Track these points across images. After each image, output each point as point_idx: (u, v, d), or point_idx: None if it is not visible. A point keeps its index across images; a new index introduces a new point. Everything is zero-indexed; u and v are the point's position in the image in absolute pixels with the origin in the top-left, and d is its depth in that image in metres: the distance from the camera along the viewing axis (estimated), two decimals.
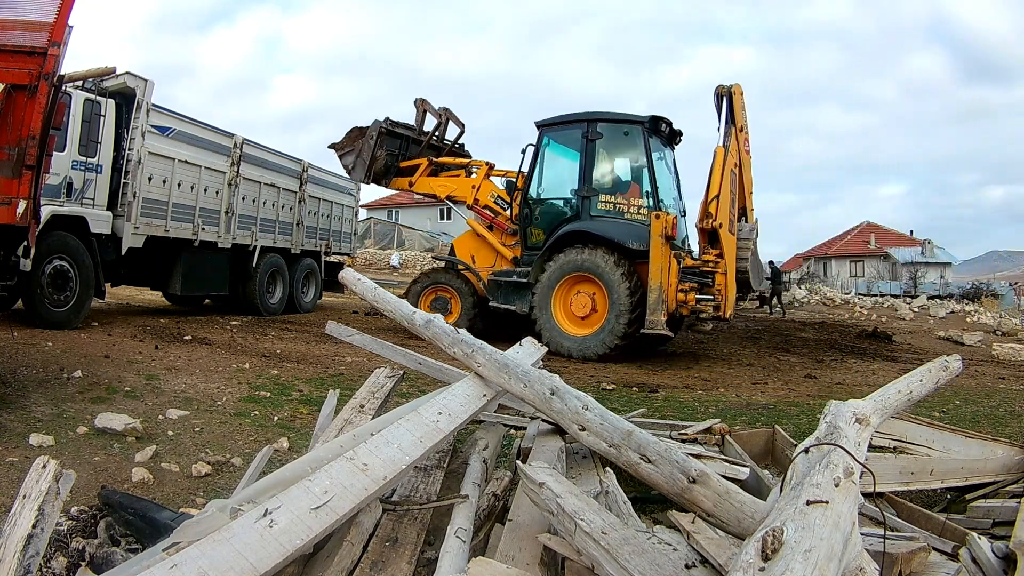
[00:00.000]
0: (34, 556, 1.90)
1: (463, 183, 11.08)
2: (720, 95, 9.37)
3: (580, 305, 9.15)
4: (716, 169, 8.88)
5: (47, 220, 7.50)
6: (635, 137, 9.61)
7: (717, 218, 8.62)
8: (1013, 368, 9.97)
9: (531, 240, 9.98)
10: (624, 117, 9.78)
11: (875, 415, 2.57)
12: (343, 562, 2.13)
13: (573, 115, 10.01)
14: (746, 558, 1.49)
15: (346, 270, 4.29)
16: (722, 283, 8.71)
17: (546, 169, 10.12)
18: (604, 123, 9.70)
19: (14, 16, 4.74)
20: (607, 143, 9.76)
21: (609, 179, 9.91)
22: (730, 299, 8.84)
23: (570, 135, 9.96)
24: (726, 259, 8.75)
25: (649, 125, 9.51)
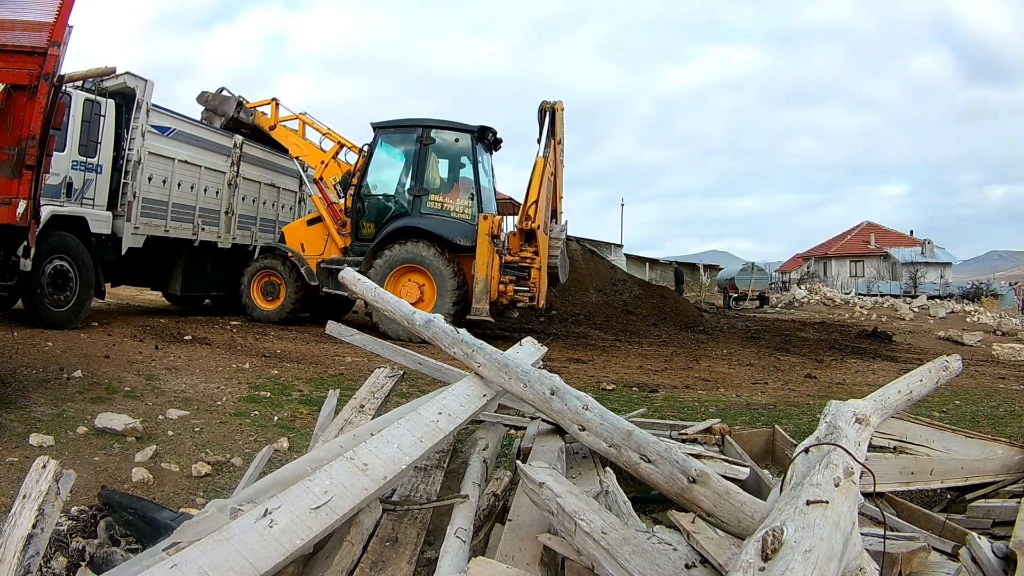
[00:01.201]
0: (34, 556, 1.90)
1: (315, 152, 11.65)
2: (543, 111, 10.42)
3: (408, 293, 9.94)
4: (536, 177, 10.01)
5: (47, 220, 7.50)
6: (464, 144, 10.71)
7: (535, 220, 9.80)
8: (1013, 368, 9.97)
9: (362, 232, 10.80)
10: (456, 126, 10.77)
11: (875, 415, 2.57)
12: (343, 562, 2.13)
13: (409, 120, 11.01)
14: (746, 558, 1.49)
15: (346, 270, 4.29)
16: (537, 277, 9.91)
17: (378, 168, 10.99)
18: (438, 130, 10.71)
19: (14, 16, 4.74)
20: (438, 148, 10.80)
21: (438, 181, 10.84)
22: (543, 290, 10.01)
23: (404, 138, 10.98)
24: (540, 256, 9.92)
25: (477, 134, 10.61)
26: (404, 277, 10.09)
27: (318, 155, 11.57)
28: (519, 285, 9.86)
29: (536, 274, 9.91)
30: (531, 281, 9.91)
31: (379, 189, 10.99)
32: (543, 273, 9.98)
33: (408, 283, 10.05)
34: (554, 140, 10.30)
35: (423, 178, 10.56)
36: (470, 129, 10.61)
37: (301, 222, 11.73)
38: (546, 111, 10.41)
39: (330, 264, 10.69)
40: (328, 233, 11.10)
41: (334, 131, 11.72)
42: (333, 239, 11.05)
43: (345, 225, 11.01)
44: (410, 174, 10.71)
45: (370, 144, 10.86)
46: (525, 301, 9.95)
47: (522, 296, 9.88)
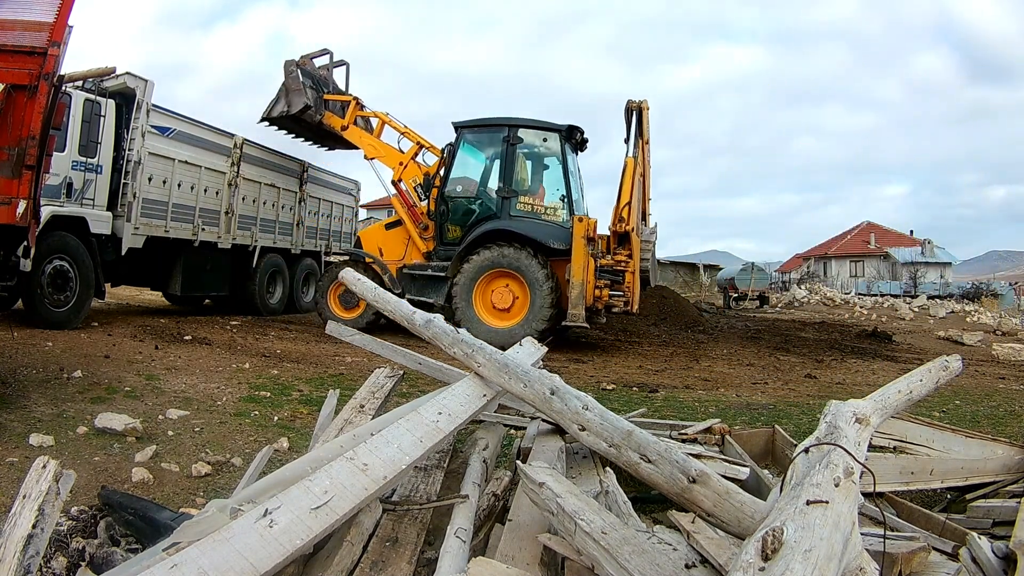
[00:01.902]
0: (34, 556, 1.90)
1: (392, 153, 11.22)
2: (630, 109, 10.09)
3: (501, 299, 9.71)
4: (627, 178, 9.58)
5: (47, 220, 7.51)
6: (553, 144, 10.30)
7: (629, 222, 9.42)
8: (1013, 368, 9.97)
9: (447, 236, 10.41)
10: (543, 125, 10.34)
11: (875, 415, 2.57)
12: (343, 562, 2.13)
13: (494, 119, 10.50)
14: (746, 558, 1.49)
15: (346, 270, 4.29)
16: (631, 280, 9.56)
17: (462, 168, 10.55)
18: (525, 129, 10.26)
19: (14, 16, 4.74)
20: (525, 148, 10.36)
21: (526, 182, 10.50)
22: (636, 294, 9.64)
23: (489, 138, 10.52)
24: (634, 259, 9.58)
25: (565, 133, 10.17)
26: (496, 282, 9.74)
27: (396, 156, 11.13)
28: (613, 289, 9.53)
29: (630, 278, 9.57)
30: (625, 285, 9.59)
31: (464, 191, 10.57)
32: (636, 277, 9.65)
33: (501, 288, 9.71)
34: (642, 140, 9.98)
35: (511, 179, 10.15)
36: (558, 128, 10.22)
37: (379, 226, 11.39)
38: (632, 110, 10.07)
39: (413, 270, 10.37)
40: (409, 237, 10.71)
41: (412, 130, 11.26)
42: (415, 243, 10.64)
43: (428, 229, 10.60)
44: (498, 175, 10.28)
45: (452, 144, 10.46)
46: (619, 306, 9.56)
47: (616, 301, 9.51)
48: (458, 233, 10.30)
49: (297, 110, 11.13)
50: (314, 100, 11.32)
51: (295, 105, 11.11)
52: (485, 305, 9.76)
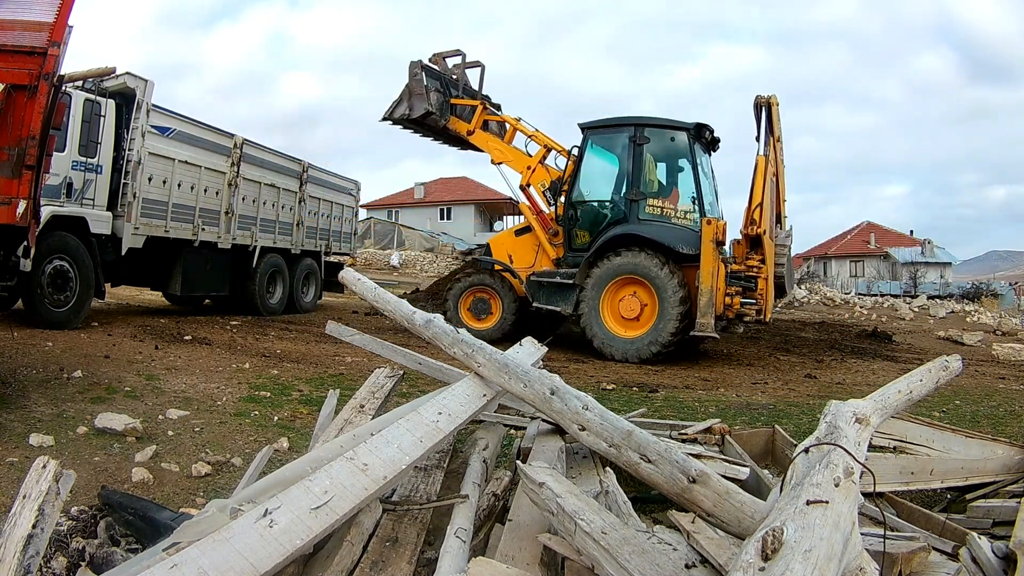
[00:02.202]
0: (34, 556, 1.90)
1: (520, 158, 10.77)
2: (759, 105, 9.44)
3: (628, 307, 9.21)
4: (759, 178, 8.99)
5: (47, 220, 7.50)
6: (681, 143, 9.70)
7: (761, 225, 8.78)
8: (1013, 368, 9.97)
9: (576, 242, 9.93)
10: (671, 123, 9.80)
11: (875, 415, 2.57)
12: (343, 562, 2.13)
13: (619, 119, 10.04)
14: (746, 558, 1.49)
15: (346, 270, 4.29)
16: (763, 287, 8.92)
17: (589, 171, 10.12)
18: (652, 128, 9.71)
19: (14, 16, 4.74)
20: (654, 148, 9.77)
21: (655, 183, 9.92)
22: (770, 303, 9.01)
23: (615, 139, 10.01)
24: (767, 264, 8.92)
25: (694, 132, 9.58)
26: (624, 289, 9.29)
27: (524, 160, 10.65)
28: (746, 297, 8.92)
29: (763, 284, 8.93)
30: (758, 292, 8.95)
31: (592, 195, 10.09)
32: (770, 283, 8.99)
33: (629, 297, 9.24)
34: (772, 137, 9.32)
35: (640, 181, 9.62)
36: (686, 126, 9.64)
37: (508, 233, 11.03)
38: (761, 106, 9.44)
39: (541, 277, 9.93)
40: (539, 244, 10.30)
41: (542, 132, 10.75)
42: (544, 250, 10.23)
43: (557, 235, 10.13)
44: (625, 177, 9.77)
45: (579, 146, 10.02)
46: (752, 315, 9.03)
47: (749, 309, 8.93)
48: (587, 239, 9.82)
49: (418, 115, 10.83)
50: (439, 104, 11.03)
51: (416, 110, 10.82)
52: (613, 314, 9.36)
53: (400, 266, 34.25)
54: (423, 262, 35.04)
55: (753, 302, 8.95)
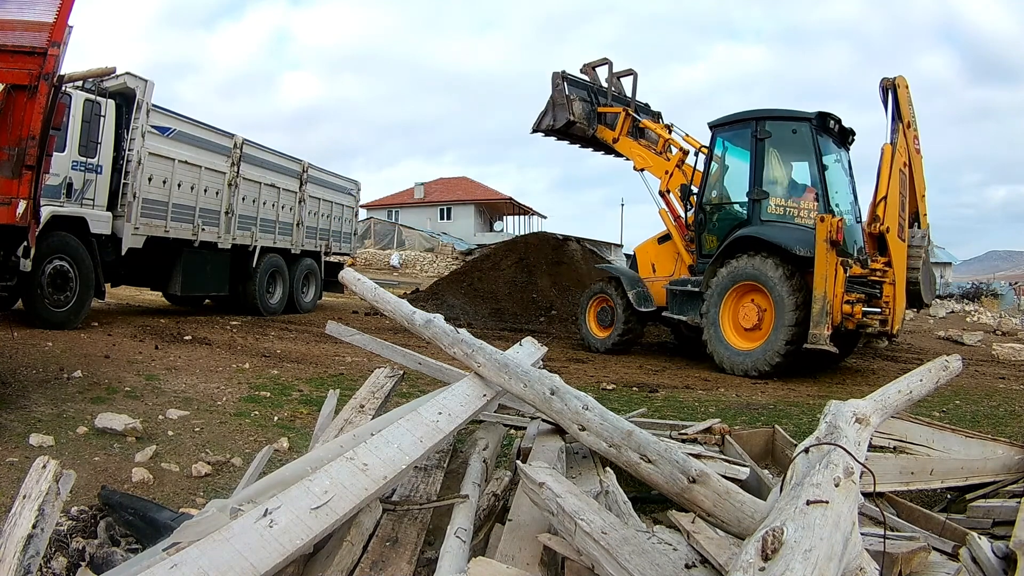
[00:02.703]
0: (34, 556, 1.90)
1: (659, 162, 10.42)
2: (885, 88, 8.55)
3: (746, 316, 8.56)
4: (884, 168, 8.18)
5: (47, 220, 7.51)
6: (803, 135, 8.83)
7: (884, 221, 7.99)
8: (1013, 368, 9.96)
9: (706, 247, 9.42)
10: (791, 114, 9.05)
11: (875, 415, 2.57)
12: (343, 562, 2.13)
13: (742, 114, 9.40)
14: (746, 558, 1.49)
15: (346, 270, 4.30)
16: (890, 294, 7.99)
17: (719, 172, 9.67)
18: (772, 121, 9.01)
19: (14, 16, 4.74)
20: (776, 143, 9.04)
21: (780, 181, 9.17)
22: (898, 312, 8.08)
23: (741, 136, 9.36)
24: (895, 268, 8.05)
25: (817, 122, 8.75)
26: (746, 297, 8.58)
27: (663, 165, 10.30)
28: (869, 305, 7.92)
29: (889, 290, 7.97)
30: (883, 300, 7.95)
31: (720, 197, 9.54)
32: (899, 290, 8.05)
33: (748, 304, 8.53)
34: (902, 123, 8.35)
35: (761, 178, 8.88)
36: (807, 116, 8.76)
37: (652, 241, 10.55)
38: (888, 89, 8.47)
39: (674, 285, 9.54)
40: (678, 251, 9.92)
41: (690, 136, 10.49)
42: (682, 257, 9.83)
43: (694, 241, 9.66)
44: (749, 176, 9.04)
45: (708, 147, 9.58)
46: (875, 326, 7.88)
47: (872, 319, 7.85)
48: (715, 244, 9.17)
49: (560, 125, 10.85)
50: (585, 113, 11.01)
51: (559, 120, 10.83)
52: (734, 323, 8.70)
53: (400, 266, 34.26)
54: (423, 262, 35.06)
55: (878, 311, 7.93)
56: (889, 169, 8.12)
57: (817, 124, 8.72)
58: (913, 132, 8.53)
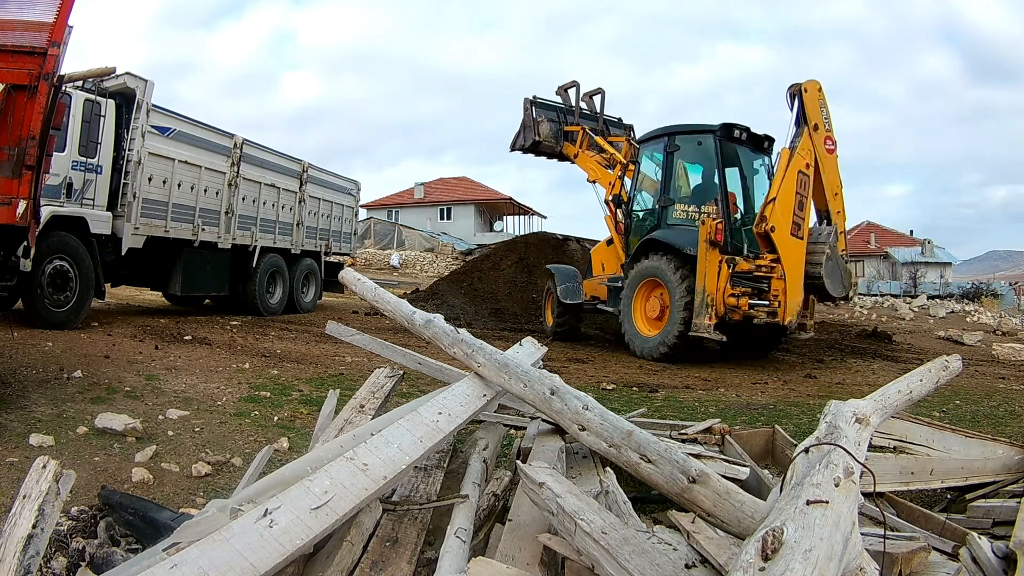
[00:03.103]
0: (34, 556, 1.90)
1: (605, 175, 11.42)
2: (792, 93, 9.22)
3: (652, 308, 9.70)
4: (779, 171, 8.92)
5: (47, 220, 7.51)
6: (707, 146, 9.72)
7: (770, 221, 8.65)
8: (1013, 368, 9.96)
9: (630, 249, 10.42)
10: (696, 128, 9.96)
11: (875, 415, 2.58)
12: (343, 562, 2.13)
13: (658, 130, 10.47)
14: (746, 558, 1.49)
15: (346, 270, 4.30)
16: (780, 288, 8.74)
17: (641, 182, 10.70)
18: (680, 135, 10.02)
19: (14, 16, 4.74)
20: (684, 154, 10.08)
21: (685, 189, 10.24)
22: (790, 305, 8.76)
23: (656, 149, 10.39)
24: (784, 264, 8.76)
25: (721, 133, 9.54)
26: (653, 291, 9.72)
27: (608, 177, 11.33)
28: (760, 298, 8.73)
29: (778, 284, 8.75)
30: (772, 293, 8.77)
31: (639, 205, 10.71)
32: (791, 284, 8.77)
33: (655, 298, 9.70)
34: (807, 127, 9.00)
35: (669, 187, 10.06)
36: (711, 129, 9.67)
37: (602, 243, 11.88)
38: (794, 94, 9.19)
39: (610, 282, 10.81)
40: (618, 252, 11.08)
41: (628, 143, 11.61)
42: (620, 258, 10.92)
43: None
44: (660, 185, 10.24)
45: (635, 160, 10.73)
46: (762, 316, 8.74)
47: (759, 311, 8.70)
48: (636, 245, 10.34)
49: (529, 144, 12.26)
50: (553, 132, 12.39)
51: (527, 140, 12.27)
52: (643, 314, 9.84)
53: (400, 266, 34.26)
54: (423, 262, 35.06)
55: (765, 304, 8.72)
56: (784, 172, 8.82)
57: (721, 135, 9.57)
58: (823, 134, 9.16)
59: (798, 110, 9.14)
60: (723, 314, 8.60)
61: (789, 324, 8.89)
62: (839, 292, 9.26)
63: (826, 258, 9.00)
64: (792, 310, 8.78)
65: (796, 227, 8.83)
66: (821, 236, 9.21)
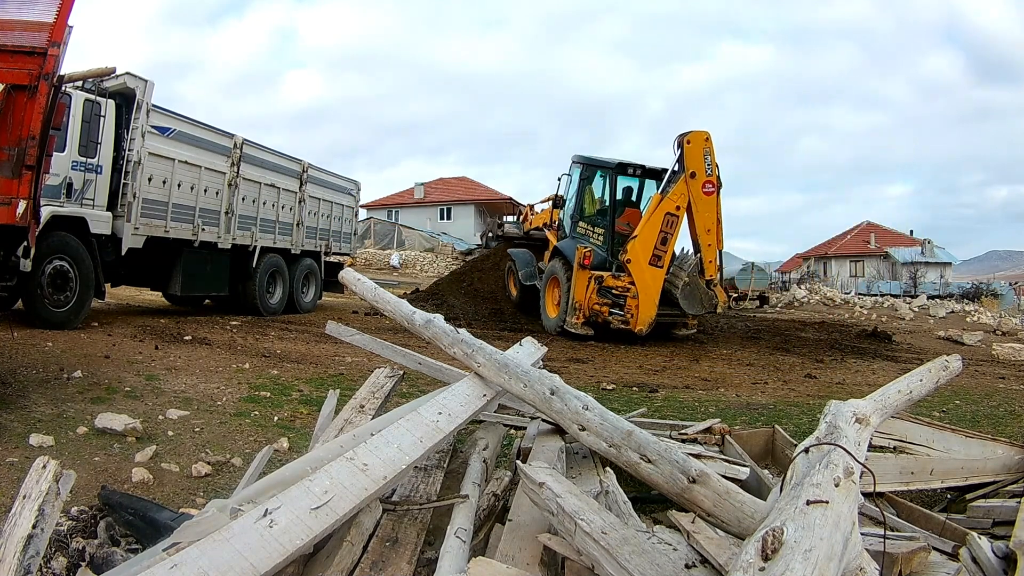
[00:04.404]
0: (34, 556, 1.90)
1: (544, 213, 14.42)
2: (679, 143, 10.82)
3: (553, 297, 12.13)
4: (646, 213, 10.93)
5: (47, 220, 7.50)
6: (607, 178, 12.03)
7: (628, 255, 10.73)
8: (1013, 368, 9.97)
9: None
10: (599, 162, 12.34)
11: (875, 415, 2.58)
12: (343, 562, 2.13)
13: (580, 157, 12.70)
14: (746, 558, 1.49)
15: (346, 270, 4.30)
16: (632, 305, 10.81)
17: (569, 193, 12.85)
18: (588, 166, 12.37)
19: (14, 16, 4.74)
20: (590, 181, 12.38)
21: (589, 209, 12.36)
22: (641, 316, 10.80)
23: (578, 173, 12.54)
24: (638, 287, 10.77)
25: (616, 169, 11.87)
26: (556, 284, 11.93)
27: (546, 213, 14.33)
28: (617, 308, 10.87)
29: (632, 302, 10.80)
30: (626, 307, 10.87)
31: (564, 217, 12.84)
32: (643, 301, 10.75)
33: (555, 290, 12.00)
34: (684, 174, 10.67)
35: (579, 207, 12.31)
36: (608, 165, 12.01)
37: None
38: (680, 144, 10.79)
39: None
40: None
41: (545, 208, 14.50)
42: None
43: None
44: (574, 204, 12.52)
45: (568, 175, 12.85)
46: (615, 323, 10.88)
47: (615, 318, 10.85)
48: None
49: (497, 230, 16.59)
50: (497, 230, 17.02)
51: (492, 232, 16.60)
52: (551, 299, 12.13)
53: (400, 266, 34.24)
54: (423, 262, 35.04)
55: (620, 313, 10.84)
56: (650, 214, 10.77)
57: (616, 170, 11.89)
58: (701, 179, 10.74)
59: (679, 158, 10.78)
60: (588, 316, 10.97)
61: (639, 331, 10.83)
62: (695, 310, 11.20)
63: (683, 283, 10.89)
64: (644, 321, 10.83)
65: (656, 258, 10.78)
66: (684, 264, 11.13)
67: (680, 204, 10.74)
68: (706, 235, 11.13)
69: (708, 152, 10.73)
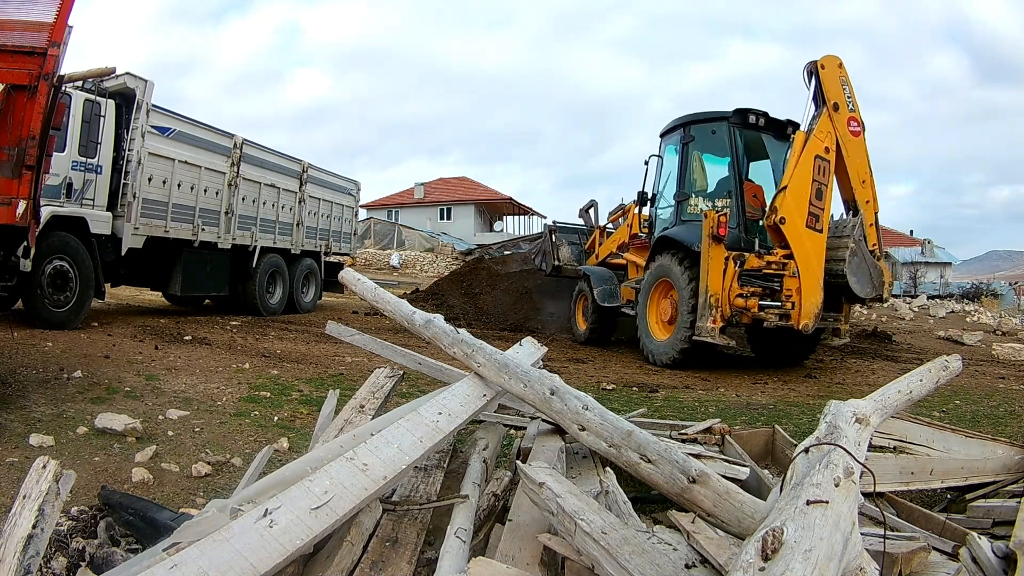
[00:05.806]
0: (34, 556, 1.90)
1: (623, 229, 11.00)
2: (809, 72, 8.27)
3: (664, 310, 8.86)
4: (792, 158, 7.95)
5: (47, 220, 7.51)
6: (721, 135, 8.80)
7: (780, 212, 7.78)
8: (1013, 368, 9.96)
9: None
10: (709, 115, 9.11)
11: (875, 415, 2.57)
12: (343, 562, 2.13)
13: (675, 120, 9.65)
14: (746, 558, 1.49)
15: (346, 270, 4.30)
16: (793, 287, 7.79)
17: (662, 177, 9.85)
18: (694, 124, 9.21)
19: (14, 16, 4.74)
20: (699, 145, 9.19)
21: (701, 182, 9.25)
22: (807, 307, 7.77)
23: (673, 142, 9.61)
24: (797, 260, 7.82)
25: (734, 119, 8.67)
26: (667, 292, 8.87)
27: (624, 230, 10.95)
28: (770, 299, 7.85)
29: (792, 283, 7.78)
30: (784, 293, 7.81)
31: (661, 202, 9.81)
32: (807, 282, 7.78)
33: (667, 299, 8.85)
34: (827, 107, 8.04)
35: (684, 181, 9.11)
36: (723, 116, 8.77)
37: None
38: (811, 72, 8.21)
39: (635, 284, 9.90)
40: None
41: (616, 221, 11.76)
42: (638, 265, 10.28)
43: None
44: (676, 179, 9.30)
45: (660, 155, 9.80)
46: (772, 320, 7.81)
47: (768, 313, 7.77)
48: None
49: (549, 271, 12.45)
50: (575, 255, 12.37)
51: (548, 266, 12.42)
52: (657, 317, 9.03)
53: (400, 266, 34.25)
54: (423, 262, 35.05)
55: (777, 304, 7.80)
56: (797, 158, 7.88)
57: (735, 121, 8.67)
58: (845, 114, 8.13)
59: (815, 89, 8.15)
60: (730, 316, 7.75)
61: (804, 328, 7.81)
62: (867, 292, 8.16)
63: (850, 253, 7.92)
64: (809, 312, 7.77)
65: (813, 218, 7.87)
66: (845, 228, 8.16)
67: (828, 145, 7.98)
68: (862, 188, 8.26)
69: (845, 82, 8.17)
